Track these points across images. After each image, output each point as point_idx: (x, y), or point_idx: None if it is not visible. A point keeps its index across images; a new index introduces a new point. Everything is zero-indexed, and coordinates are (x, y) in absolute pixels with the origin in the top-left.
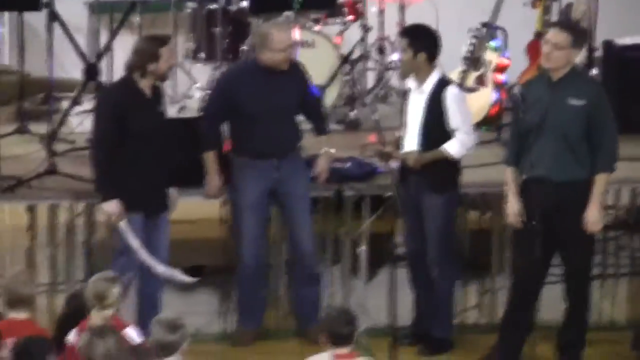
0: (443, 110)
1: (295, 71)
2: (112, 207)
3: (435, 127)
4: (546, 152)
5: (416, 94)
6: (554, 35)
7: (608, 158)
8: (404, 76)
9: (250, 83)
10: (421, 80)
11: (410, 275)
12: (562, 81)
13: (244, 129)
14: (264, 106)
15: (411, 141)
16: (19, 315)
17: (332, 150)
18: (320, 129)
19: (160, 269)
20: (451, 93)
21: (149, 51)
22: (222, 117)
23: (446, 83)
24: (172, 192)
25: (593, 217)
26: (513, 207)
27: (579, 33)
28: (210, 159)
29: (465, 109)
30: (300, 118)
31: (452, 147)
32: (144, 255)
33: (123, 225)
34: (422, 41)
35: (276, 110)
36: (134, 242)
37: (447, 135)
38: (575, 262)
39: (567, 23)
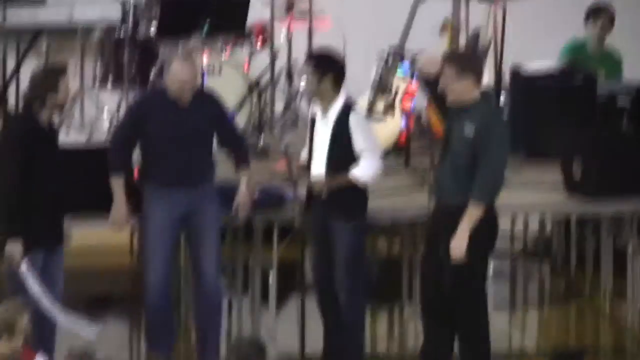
0: (348, 135)
1: (207, 101)
2: (15, 248)
3: (342, 153)
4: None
5: (322, 120)
6: (444, 69)
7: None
8: (310, 100)
9: (159, 111)
10: (326, 105)
11: (318, 304)
12: (463, 110)
13: (154, 157)
14: (171, 134)
15: (318, 167)
16: None
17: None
18: (239, 160)
19: (62, 318)
20: (355, 117)
21: (48, 82)
22: (129, 144)
23: (350, 108)
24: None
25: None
26: None
27: (466, 60)
28: (116, 185)
29: (370, 132)
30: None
31: (359, 172)
32: (46, 302)
33: (24, 268)
34: (327, 66)
35: (184, 138)
36: (36, 288)
37: (353, 160)
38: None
39: (449, 54)
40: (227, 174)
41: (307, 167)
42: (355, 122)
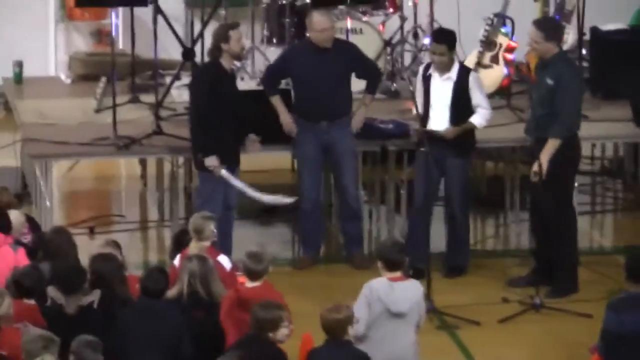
0: (467, 91)
1: (345, 48)
2: (213, 161)
3: (461, 105)
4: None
5: (441, 80)
6: (531, 33)
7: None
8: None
9: (302, 56)
10: (446, 69)
11: (420, 214)
12: (546, 64)
13: (301, 95)
14: (313, 75)
15: (439, 117)
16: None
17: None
18: (369, 88)
19: (266, 197)
20: (473, 77)
21: (221, 34)
22: (277, 76)
23: (467, 70)
24: (252, 136)
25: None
26: None
27: (551, 28)
28: (276, 102)
29: (483, 88)
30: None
31: (476, 120)
32: (249, 190)
33: (224, 173)
34: (449, 42)
35: (324, 79)
36: (238, 183)
37: (469, 111)
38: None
39: (540, 22)
40: None
41: (424, 116)
42: (473, 81)
